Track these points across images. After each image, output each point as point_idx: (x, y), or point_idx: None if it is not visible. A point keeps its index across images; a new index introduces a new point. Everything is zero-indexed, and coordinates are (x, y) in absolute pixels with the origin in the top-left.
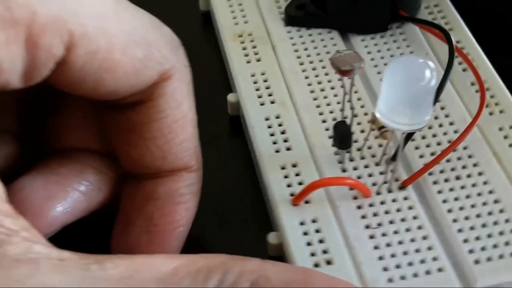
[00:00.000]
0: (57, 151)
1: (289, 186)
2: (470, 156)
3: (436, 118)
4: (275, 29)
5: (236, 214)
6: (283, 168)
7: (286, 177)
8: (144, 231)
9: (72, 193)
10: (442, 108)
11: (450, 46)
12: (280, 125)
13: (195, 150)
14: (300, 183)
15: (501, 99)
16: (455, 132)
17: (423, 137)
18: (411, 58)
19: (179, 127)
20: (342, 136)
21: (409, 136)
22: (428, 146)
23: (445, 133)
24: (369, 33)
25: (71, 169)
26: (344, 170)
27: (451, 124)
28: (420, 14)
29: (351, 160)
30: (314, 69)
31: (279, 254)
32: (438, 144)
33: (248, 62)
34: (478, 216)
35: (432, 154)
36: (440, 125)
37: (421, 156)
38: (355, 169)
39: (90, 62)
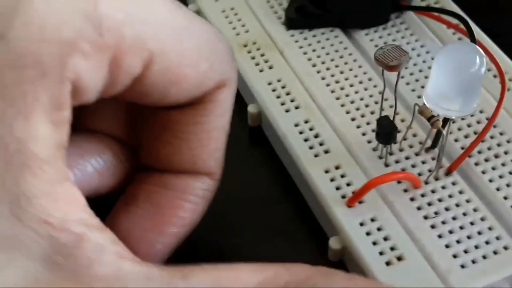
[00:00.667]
0: (83, 130)
1: (338, 188)
2: (501, 134)
3: None
4: (278, 34)
5: (278, 224)
6: (327, 171)
7: (332, 180)
8: (146, 217)
9: (88, 167)
10: None
11: (471, 33)
12: (311, 129)
13: (221, 160)
14: (348, 184)
15: None
16: (481, 112)
17: (453, 121)
18: (461, 45)
19: (215, 135)
20: (387, 131)
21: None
22: (459, 129)
23: (472, 115)
24: (371, 27)
25: (93, 146)
26: (387, 165)
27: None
28: (414, 2)
29: (391, 154)
30: (328, 69)
31: (341, 259)
32: (469, 126)
33: (261, 71)
34: None
35: (466, 136)
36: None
37: (456, 140)
38: (397, 162)
39: (161, 77)
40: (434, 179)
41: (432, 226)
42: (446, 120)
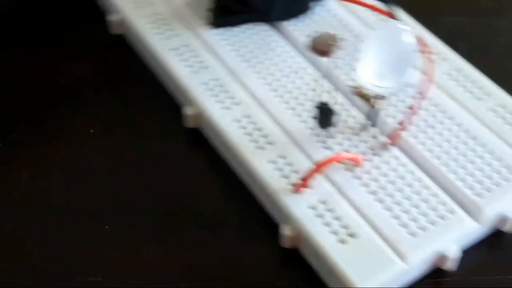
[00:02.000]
0: None
1: (285, 177)
2: (434, 105)
3: None
4: (207, 35)
5: (230, 219)
6: (272, 162)
7: (278, 170)
8: None
9: None
10: None
11: (393, 15)
12: (252, 123)
13: None
14: (294, 172)
15: (440, 49)
16: (413, 88)
17: (385, 98)
18: (393, 27)
19: None
20: (326, 116)
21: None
22: (395, 106)
23: (406, 92)
24: (294, 17)
25: None
26: (329, 149)
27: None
28: None
29: (332, 137)
30: (261, 63)
31: (295, 245)
32: (402, 102)
33: (195, 72)
34: (462, 155)
35: (402, 113)
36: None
37: (392, 117)
38: (339, 144)
39: None
40: (376, 156)
41: (379, 201)
42: (380, 98)
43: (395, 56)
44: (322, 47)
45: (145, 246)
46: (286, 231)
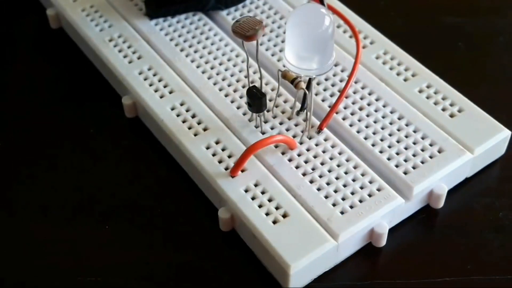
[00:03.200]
0: None
1: (220, 162)
2: (363, 88)
3: None
4: (142, 25)
5: (169, 206)
6: (208, 147)
7: (214, 154)
8: None
9: None
10: None
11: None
12: (187, 110)
13: None
14: (229, 156)
15: (368, 32)
16: (342, 71)
17: (318, 83)
18: (309, 7)
19: None
20: (256, 100)
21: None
22: (325, 89)
23: (334, 75)
24: (231, 6)
25: None
26: (263, 133)
27: (336, 65)
28: None
29: (265, 122)
30: (196, 51)
31: (232, 228)
32: (333, 85)
33: (130, 62)
34: (390, 135)
35: (331, 95)
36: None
37: (323, 100)
38: (272, 128)
39: None
40: (308, 139)
41: (311, 181)
42: (309, 81)
43: (313, 37)
44: (243, 31)
45: (82, 245)
46: (222, 214)
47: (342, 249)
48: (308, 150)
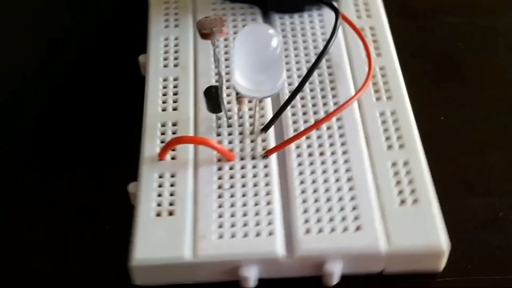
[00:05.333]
0: None
1: (162, 142)
2: (341, 135)
3: (322, 90)
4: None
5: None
6: (163, 125)
7: (162, 133)
8: None
9: None
10: (331, 81)
11: (336, 23)
12: (175, 86)
13: None
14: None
15: (394, 88)
16: (334, 97)
17: (304, 113)
18: (257, 28)
19: None
20: (211, 100)
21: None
22: (306, 122)
23: (323, 96)
24: (287, 13)
25: None
26: (218, 135)
27: (333, 88)
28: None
29: (229, 126)
30: (225, 39)
31: None
32: (313, 106)
33: (166, 27)
34: (326, 190)
35: (305, 121)
36: (323, 97)
37: (294, 123)
38: (230, 134)
39: None
40: (251, 158)
41: (219, 196)
42: (242, 100)
43: (259, 58)
44: (203, 28)
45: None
46: (131, 188)
47: (195, 269)
48: (242, 168)
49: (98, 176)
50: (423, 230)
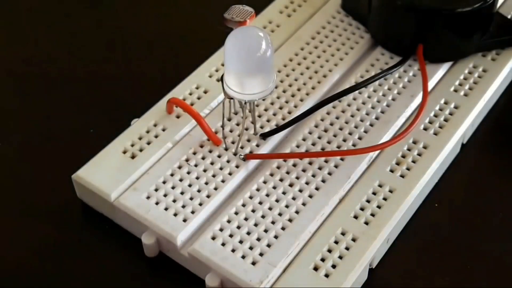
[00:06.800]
0: None
1: (184, 99)
2: (324, 180)
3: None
4: (328, 5)
5: None
6: (197, 87)
7: (190, 93)
8: None
9: None
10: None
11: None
12: None
13: None
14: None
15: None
16: (360, 138)
17: (325, 130)
18: (246, 31)
19: None
20: None
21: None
22: (334, 135)
23: (350, 133)
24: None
25: None
26: (229, 119)
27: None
28: None
29: (229, 119)
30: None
31: None
32: (345, 140)
33: None
34: (263, 216)
35: (328, 142)
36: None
37: (297, 146)
38: (238, 124)
39: None
40: (233, 154)
41: (179, 167)
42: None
43: (251, 62)
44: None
45: None
46: (132, 122)
47: (116, 214)
48: (219, 156)
49: None
50: None
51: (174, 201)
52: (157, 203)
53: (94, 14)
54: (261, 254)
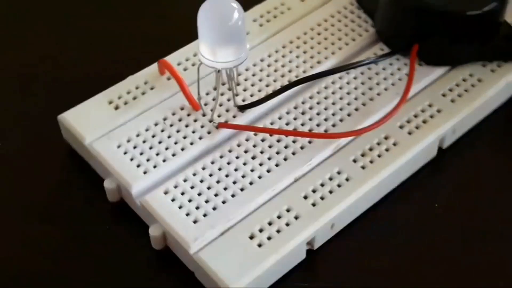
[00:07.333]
0: None
1: (178, 64)
2: (286, 158)
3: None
4: None
5: None
6: (195, 55)
7: (187, 59)
8: None
9: None
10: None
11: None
12: None
13: None
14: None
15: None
16: (333, 125)
17: (303, 113)
18: (218, 1)
19: None
20: None
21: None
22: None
23: (326, 119)
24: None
25: None
26: (214, 89)
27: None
28: None
29: (223, 84)
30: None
31: None
32: (318, 125)
33: None
34: (218, 181)
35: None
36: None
37: (271, 123)
38: (222, 95)
39: None
40: (208, 121)
41: (155, 124)
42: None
43: (224, 31)
44: None
45: None
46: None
47: (90, 158)
48: (195, 121)
49: None
50: (232, 264)
51: (141, 153)
52: (125, 153)
53: (93, 15)
54: (204, 215)
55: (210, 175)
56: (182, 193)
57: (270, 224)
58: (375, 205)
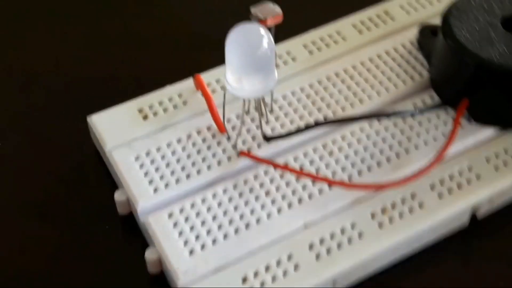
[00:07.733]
0: None
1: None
2: (300, 200)
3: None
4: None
5: None
6: None
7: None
8: None
9: None
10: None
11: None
12: None
13: None
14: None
15: None
16: (359, 173)
17: (330, 153)
18: (247, 28)
19: None
20: None
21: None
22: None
23: (352, 165)
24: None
25: None
26: (247, 112)
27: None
28: None
29: (246, 113)
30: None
31: None
32: (343, 170)
33: None
34: (225, 213)
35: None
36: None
37: (294, 159)
38: (252, 120)
39: None
40: (231, 146)
41: (168, 145)
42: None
43: (252, 58)
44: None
45: None
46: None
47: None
48: (218, 144)
49: None
50: None
51: (156, 170)
52: (141, 166)
53: (93, 14)
54: (202, 247)
55: (219, 204)
56: (186, 219)
57: (266, 269)
58: (382, 272)
